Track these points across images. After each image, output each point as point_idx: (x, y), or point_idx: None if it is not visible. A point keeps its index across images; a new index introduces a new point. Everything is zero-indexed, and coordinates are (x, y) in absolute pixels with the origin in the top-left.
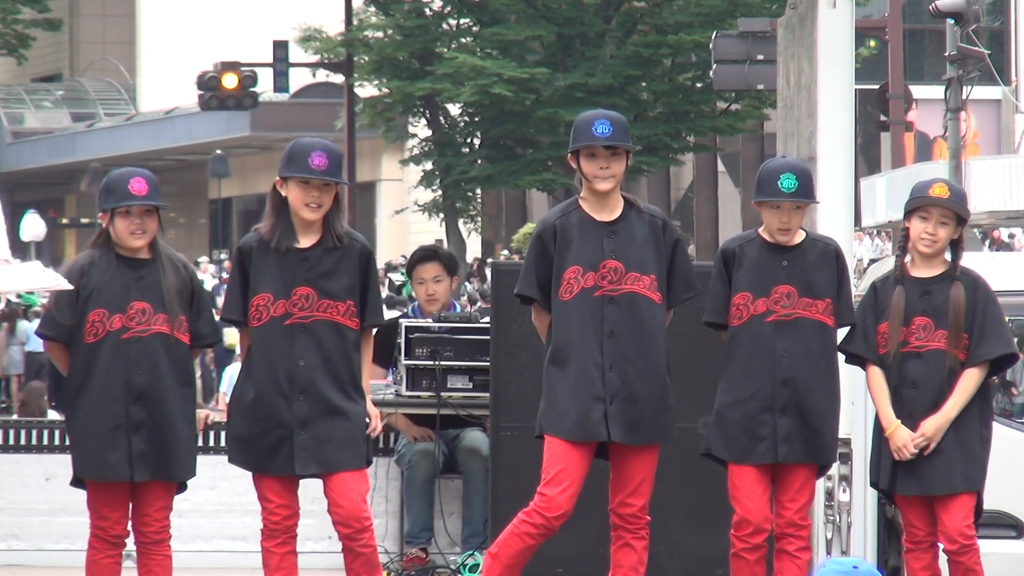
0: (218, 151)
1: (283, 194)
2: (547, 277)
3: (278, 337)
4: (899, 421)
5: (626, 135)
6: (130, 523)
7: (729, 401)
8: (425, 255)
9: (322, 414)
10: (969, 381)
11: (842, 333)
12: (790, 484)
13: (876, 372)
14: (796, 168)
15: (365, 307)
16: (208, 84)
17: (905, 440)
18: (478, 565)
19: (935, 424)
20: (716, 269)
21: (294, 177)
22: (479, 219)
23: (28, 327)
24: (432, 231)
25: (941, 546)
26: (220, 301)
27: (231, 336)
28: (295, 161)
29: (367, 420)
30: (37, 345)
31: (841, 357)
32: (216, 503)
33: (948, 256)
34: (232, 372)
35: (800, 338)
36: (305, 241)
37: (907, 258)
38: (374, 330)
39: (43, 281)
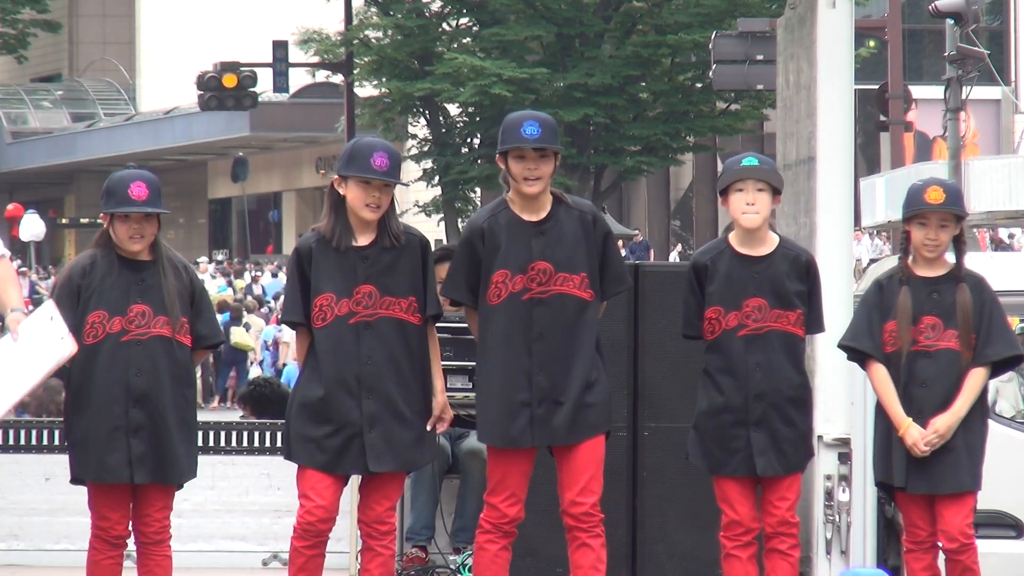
0: (240, 152)
1: (341, 193)
2: (477, 280)
3: (344, 336)
4: (911, 419)
5: (555, 137)
6: (131, 523)
7: (704, 413)
8: (443, 256)
9: (391, 412)
10: (976, 381)
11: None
12: (776, 486)
13: (881, 370)
14: (757, 155)
15: (425, 299)
16: (208, 84)
17: (916, 438)
18: None
19: (947, 423)
20: (688, 282)
21: (355, 177)
22: None
23: None
24: (432, 231)
25: (940, 544)
26: (217, 298)
27: (237, 335)
28: (356, 161)
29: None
30: None
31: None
32: (216, 503)
33: (952, 254)
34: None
35: (772, 351)
36: (362, 239)
37: (909, 258)
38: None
39: (51, 359)
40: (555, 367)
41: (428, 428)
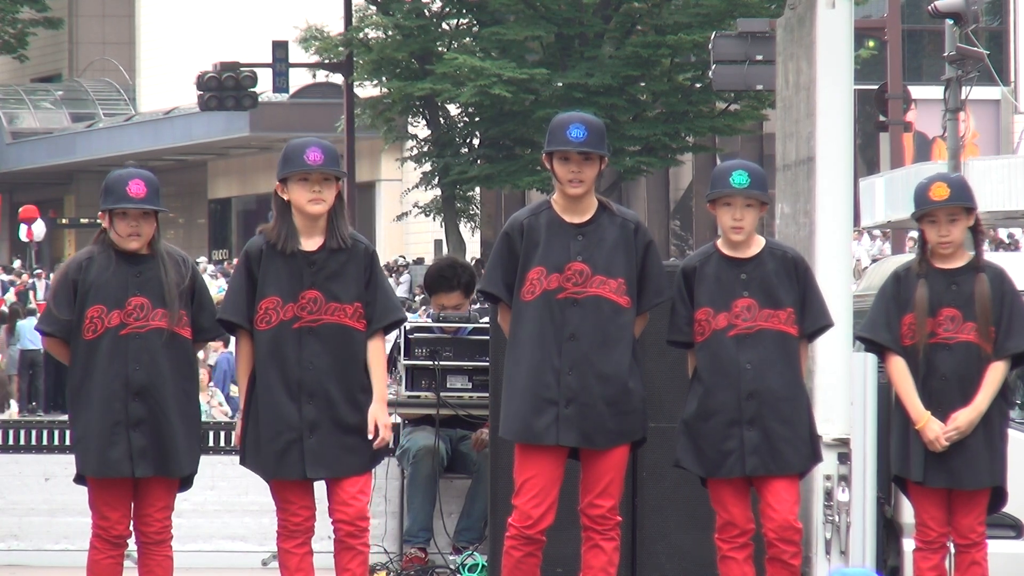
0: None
1: (285, 198)
2: (513, 276)
3: (287, 341)
4: (929, 413)
5: (601, 141)
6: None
7: (696, 416)
8: (445, 284)
9: (331, 418)
10: (996, 375)
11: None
12: (771, 488)
13: (900, 362)
14: (748, 166)
15: (375, 308)
16: (207, 84)
17: (937, 433)
18: (477, 565)
19: (968, 417)
20: (676, 287)
21: (293, 175)
22: (478, 219)
23: (25, 325)
24: (432, 231)
25: (950, 539)
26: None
27: None
28: (291, 160)
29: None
30: (29, 343)
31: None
32: (216, 503)
33: (970, 245)
34: None
35: (763, 350)
36: (310, 244)
37: (927, 252)
38: (387, 330)
39: None
40: (586, 368)
41: (370, 438)
